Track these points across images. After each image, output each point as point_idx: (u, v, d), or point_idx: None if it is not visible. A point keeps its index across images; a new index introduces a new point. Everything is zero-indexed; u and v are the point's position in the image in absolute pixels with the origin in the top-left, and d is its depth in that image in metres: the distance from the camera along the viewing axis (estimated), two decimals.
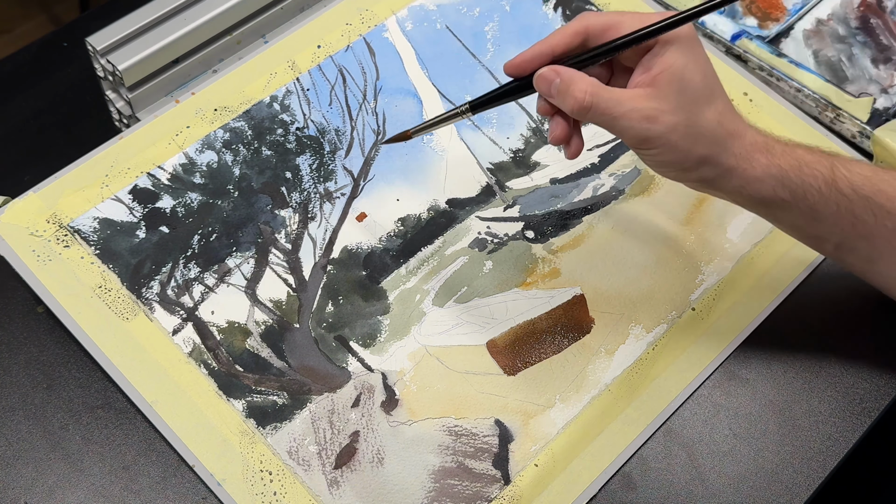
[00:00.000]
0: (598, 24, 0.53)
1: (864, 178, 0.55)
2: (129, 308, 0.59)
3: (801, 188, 0.54)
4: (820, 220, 0.55)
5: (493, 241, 0.65)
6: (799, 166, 0.54)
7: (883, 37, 0.76)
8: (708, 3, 0.52)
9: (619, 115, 0.51)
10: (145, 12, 0.67)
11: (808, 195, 0.54)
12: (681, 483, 0.58)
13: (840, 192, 0.54)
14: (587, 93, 0.52)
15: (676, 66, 0.51)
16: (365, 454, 0.56)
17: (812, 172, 0.54)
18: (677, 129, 0.51)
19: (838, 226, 0.55)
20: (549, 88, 0.53)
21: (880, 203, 0.54)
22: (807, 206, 0.55)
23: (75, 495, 0.55)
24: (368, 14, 0.72)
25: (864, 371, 0.62)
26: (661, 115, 0.51)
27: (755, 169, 0.54)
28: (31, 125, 0.70)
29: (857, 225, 0.55)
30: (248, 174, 0.65)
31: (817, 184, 0.54)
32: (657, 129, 0.51)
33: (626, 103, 0.51)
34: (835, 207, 0.54)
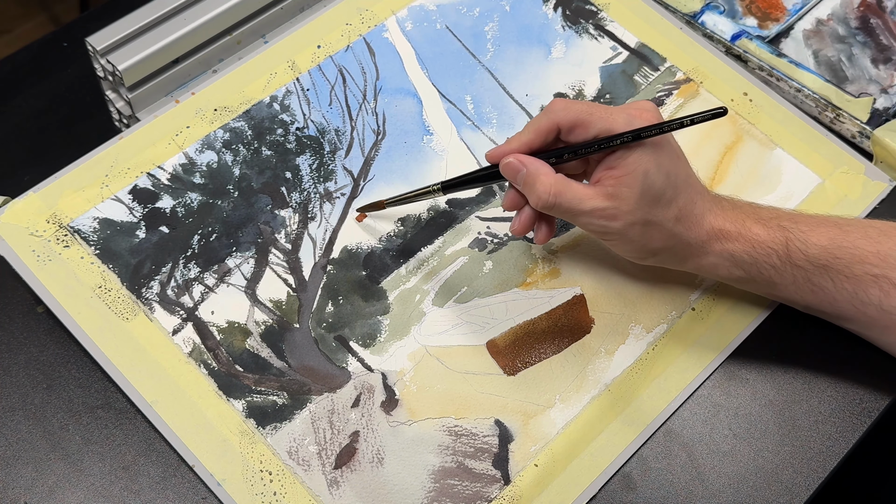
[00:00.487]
0: (567, 121, 0.56)
1: (819, 249, 0.56)
2: (129, 308, 0.59)
3: (754, 267, 0.57)
4: (779, 289, 0.58)
5: (493, 241, 0.65)
6: (752, 248, 0.57)
7: (883, 37, 0.76)
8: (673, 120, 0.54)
9: (581, 213, 0.55)
10: (145, 12, 0.67)
11: (762, 271, 0.57)
12: (681, 483, 0.58)
13: (796, 266, 0.57)
14: (550, 193, 0.54)
15: (638, 171, 0.54)
16: (365, 454, 0.56)
17: (765, 251, 0.57)
18: (634, 227, 0.55)
19: (799, 294, 0.58)
20: (516, 177, 0.56)
21: (838, 270, 0.56)
22: (763, 281, 0.58)
23: (75, 495, 0.55)
24: (368, 14, 0.72)
25: (864, 371, 0.62)
26: (620, 215, 0.54)
27: (709, 257, 0.57)
28: (31, 125, 0.70)
29: (817, 292, 0.57)
30: (248, 174, 0.65)
31: (771, 261, 0.57)
32: (615, 226, 0.55)
33: (587, 202, 0.54)
34: (792, 279, 0.57)
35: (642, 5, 0.76)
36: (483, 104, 0.70)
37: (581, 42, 0.74)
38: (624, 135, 0.54)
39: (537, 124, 0.56)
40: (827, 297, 0.57)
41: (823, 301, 0.58)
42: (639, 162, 0.54)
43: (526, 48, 0.73)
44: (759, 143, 0.70)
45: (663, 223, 0.55)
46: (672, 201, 0.55)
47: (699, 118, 0.54)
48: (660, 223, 0.55)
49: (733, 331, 0.62)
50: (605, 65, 0.73)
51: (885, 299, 0.56)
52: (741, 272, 0.57)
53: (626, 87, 0.72)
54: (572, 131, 0.56)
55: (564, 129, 0.56)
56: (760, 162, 0.69)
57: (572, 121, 0.55)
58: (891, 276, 0.56)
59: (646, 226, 0.55)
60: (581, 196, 0.54)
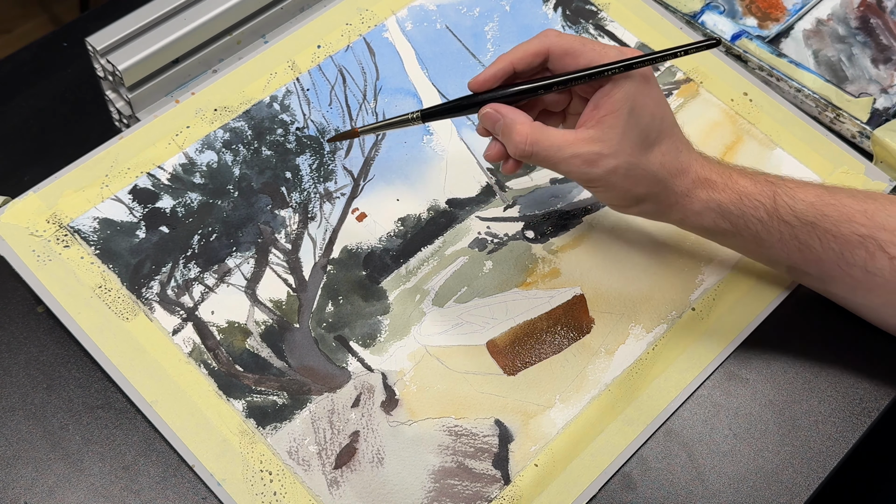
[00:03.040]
0: (559, 47, 0.55)
1: (807, 205, 0.56)
2: (129, 308, 0.59)
3: (741, 220, 0.56)
4: (766, 246, 0.57)
5: (493, 241, 0.65)
6: (739, 199, 0.56)
7: (883, 37, 0.76)
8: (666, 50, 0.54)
9: (560, 161, 0.54)
10: (145, 12, 0.67)
11: (749, 225, 0.56)
12: (681, 483, 0.58)
13: (783, 221, 0.56)
14: (527, 142, 0.54)
15: (623, 111, 0.53)
16: (365, 454, 0.56)
17: (753, 204, 0.56)
18: (617, 172, 0.54)
19: (785, 251, 0.57)
20: (494, 127, 0.55)
21: (825, 228, 0.56)
22: (750, 235, 0.57)
23: (75, 495, 0.55)
24: (368, 14, 0.72)
25: (864, 371, 0.62)
26: (602, 160, 0.53)
27: (695, 204, 0.56)
28: (31, 125, 0.70)
29: (803, 250, 0.57)
30: (248, 174, 0.65)
31: (759, 214, 0.56)
32: (597, 172, 0.53)
33: (566, 149, 0.53)
34: (779, 235, 0.56)
35: (642, 5, 0.76)
36: None
37: None
38: (614, 65, 0.53)
39: (526, 46, 0.55)
40: (813, 256, 0.56)
41: (809, 260, 0.57)
42: (625, 98, 0.53)
43: None
44: (759, 143, 0.70)
45: (647, 167, 0.54)
46: (656, 144, 0.54)
47: (693, 48, 0.53)
48: (643, 167, 0.54)
49: (733, 331, 0.62)
50: None
51: (870, 261, 0.56)
52: (727, 224, 0.56)
53: None
54: (562, 59, 0.55)
55: (555, 55, 0.55)
56: (760, 162, 0.69)
57: (564, 48, 0.54)
58: (877, 236, 0.55)
59: (629, 170, 0.54)
60: (559, 143, 0.53)
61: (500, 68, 0.55)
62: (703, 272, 0.64)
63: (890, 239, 0.55)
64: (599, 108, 0.54)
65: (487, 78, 0.55)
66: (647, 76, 0.54)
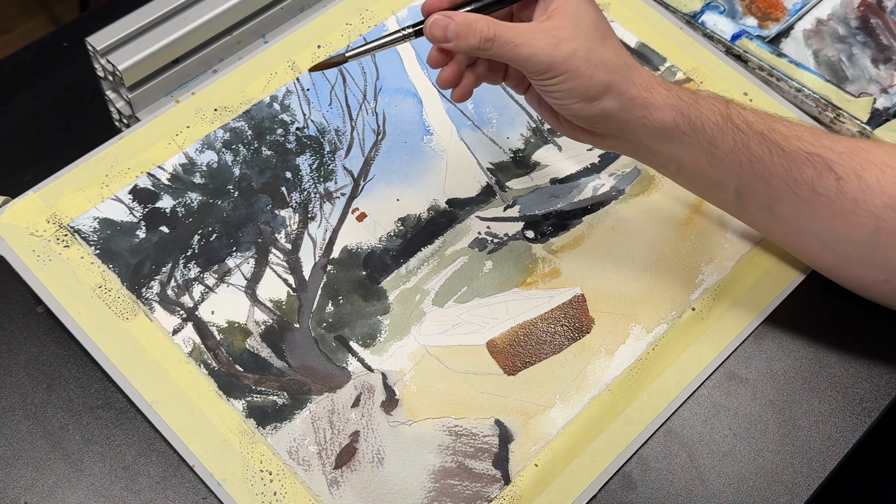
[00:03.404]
0: None
1: (758, 117, 0.57)
2: (129, 308, 0.59)
3: (699, 119, 0.56)
4: (718, 157, 0.57)
5: (493, 241, 0.65)
6: (696, 100, 0.57)
7: (883, 37, 0.76)
8: None
9: (522, 44, 0.53)
10: (145, 12, 0.67)
11: (706, 127, 0.56)
12: (681, 483, 0.58)
13: (735, 127, 0.56)
14: (488, 27, 0.54)
15: (570, 3, 0.54)
16: (365, 454, 0.56)
17: (709, 105, 0.57)
18: (578, 55, 0.54)
19: (736, 164, 0.57)
20: (445, 33, 0.55)
21: (775, 140, 0.56)
22: (705, 140, 0.56)
23: (75, 495, 0.55)
24: (368, 14, 0.72)
25: (864, 371, 0.62)
26: (562, 42, 0.53)
27: (656, 98, 0.56)
28: (31, 125, 0.70)
29: (753, 162, 0.57)
30: (248, 174, 0.65)
31: (714, 117, 0.56)
32: (560, 53, 0.53)
33: (526, 32, 0.54)
34: (731, 142, 0.56)
35: (642, 5, 0.76)
36: (483, 104, 0.70)
37: None
38: None
39: None
40: (762, 169, 0.56)
41: (758, 175, 0.57)
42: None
43: None
44: None
45: (605, 54, 0.55)
46: (606, 38, 0.55)
47: None
48: (602, 53, 0.55)
49: (733, 331, 0.62)
50: None
51: (817, 179, 0.56)
52: (686, 125, 0.56)
53: None
54: None
55: None
56: None
57: None
58: (825, 154, 0.56)
59: (588, 53, 0.54)
60: (519, 28, 0.54)
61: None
62: (703, 272, 0.64)
63: (836, 160, 0.56)
64: (547, 8, 0.55)
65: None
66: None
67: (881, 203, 0.55)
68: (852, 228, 0.56)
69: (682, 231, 0.66)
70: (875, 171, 0.55)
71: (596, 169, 0.68)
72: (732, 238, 0.66)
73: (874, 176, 0.55)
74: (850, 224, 0.56)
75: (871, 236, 0.56)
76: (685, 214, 0.66)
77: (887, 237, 0.56)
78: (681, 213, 0.67)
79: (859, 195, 0.55)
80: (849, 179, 0.55)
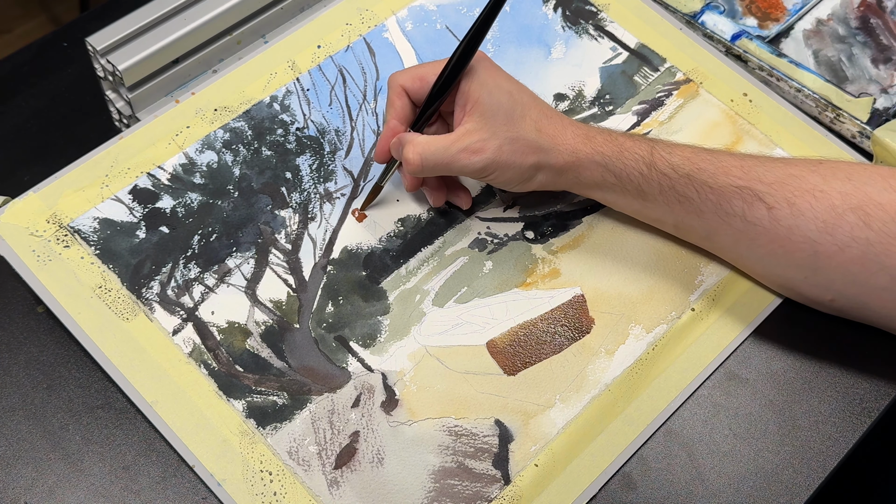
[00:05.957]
0: (409, 80, 0.60)
1: (682, 158, 0.58)
2: (129, 308, 0.59)
3: (623, 171, 0.58)
4: (649, 200, 0.59)
5: (493, 241, 0.65)
6: (620, 151, 0.58)
7: (883, 37, 0.76)
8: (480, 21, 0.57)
9: (451, 160, 0.57)
10: (145, 12, 0.67)
11: (631, 177, 0.58)
12: (681, 483, 0.58)
13: (661, 172, 0.58)
14: (417, 153, 0.58)
15: (482, 96, 0.58)
16: (365, 454, 0.56)
17: (632, 156, 0.58)
18: (503, 150, 0.57)
19: (668, 205, 0.59)
20: (398, 151, 0.60)
21: (702, 180, 0.57)
22: (633, 188, 0.59)
23: (75, 495, 0.55)
24: (368, 14, 0.72)
25: (864, 371, 0.62)
26: (485, 144, 0.57)
27: (581, 160, 0.59)
28: (31, 125, 0.70)
29: (683, 202, 0.58)
30: (248, 174, 0.65)
31: (638, 166, 0.58)
32: (487, 156, 0.57)
33: (451, 147, 0.57)
34: (658, 187, 0.58)
35: (642, 6, 0.76)
36: None
37: (581, 42, 0.74)
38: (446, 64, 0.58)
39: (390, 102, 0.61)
40: (692, 207, 0.58)
41: (690, 212, 0.58)
42: (479, 86, 0.57)
43: (526, 48, 0.73)
44: (759, 144, 0.70)
45: (526, 137, 0.57)
46: (525, 115, 0.58)
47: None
48: (524, 138, 0.57)
49: (733, 331, 0.62)
50: (605, 65, 0.73)
51: (748, 210, 0.56)
52: (613, 178, 0.59)
53: (626, 87, 0.72)
54: (421, 89, 0.59)
55: (412, 90, 0.60)
56: None
57: (412, 77, 0.60)
58: (754, 187, 0.56)
59: (513, 143, 0.57)
60: (445, 145, 0.57)
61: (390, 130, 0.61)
62: (703, 272, 0.64)
63: (767, 190, 0.56)
64: (464, 106, 0.58)
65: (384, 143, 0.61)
66: (483, 62, 0.58)
67: (815, 227, 0.55)
68: (791, 254, 0.57)
69: None
70: (808, 198, 0.55)
71: None
72: None
73: (807, 202, 0.55)
74: (788, 250, 0.57)
75: (810, 260, 0.57)
76: None
77: (825, 260, 0.56)
78: None
79: (793, 222, 0.56)
80: (780, 208, 0.56)
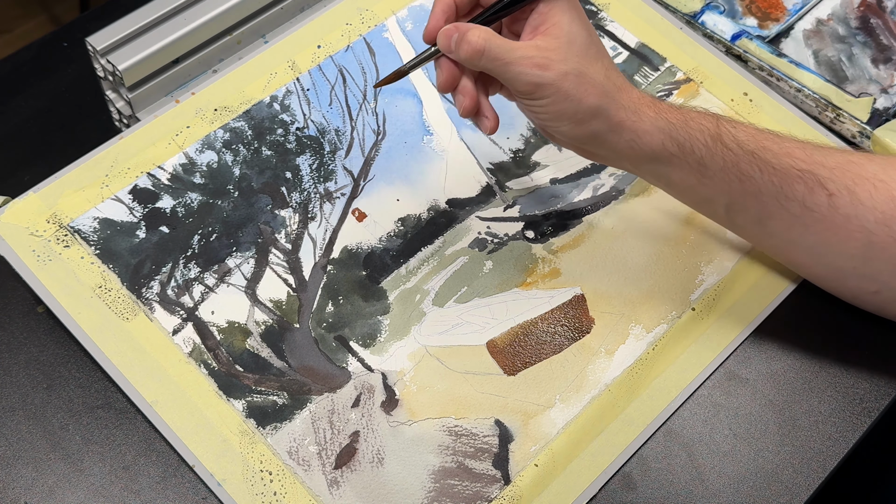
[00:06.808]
0: None
1: (748, 135, 0.56)
2: (129, 308, 0.59)
3: (688, 141, 0.56)
4: (709, 176, 0.57)
5: (493, 241, 0.65)
6: (685, 120, 0.56)
7: (883, 37, 0.76)
8: None
9: (512, 61, 0.53)
10: (145, 12, 0.67)
11: (695, 149, 0.56)
12: (681, 483, 0.58)
13: (725, 147, 0.56)
14: (480, 37, 0.53)
15: (563, 22, 0.54)
16: (365, 454, 0.56)
17: (698, 126, 0.56)
18: (568, 77, 0.53)
19: (726, 182, 0.57)
20: (450, 43, 0.55)
21: (766, 159, 0.56)
22: (695, 161, 0.56)
23: (75, 495, 0.55)
24: (368, 14, 0.72)
25: (864, 371, 0.62)
26: (552, 63, 0.53)
27: (643, 122, 0.55)
28: (31, 125, 0.70)
29: (743, 181, 0.56)
30: (248, 174, 0.65)
31: (703, 138, 0.56)
32: (549, 75, 0.53)
33: (517, 51, 0.53)
34: (721, 162, 0.56)
35: (642, 5, 0.76)
36: None
37: None
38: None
39: None
40: (753, 187, 0.56)
41: (749, 193, 0.56)
42: (560, 16, 0.54)
43: None
44: None
45: (595, 76, 0.54)
46: (598, 58, 0.55)
47: None
48: (591, 76, 0.54)
49: (733, 331, 0.62)
50: None
51: (808, 195, 0.56)
52: (675, 147, 0.56)
53: None
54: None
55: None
56: None
57: None
58: (816, 171, 0.55)
59: (579, 77, 0.53)
60: (511, 45, 0.54)
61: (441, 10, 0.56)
62: (703, 272, 0.64)
63: (828, 175, 0.55)
64: (538, 27, 0.54)
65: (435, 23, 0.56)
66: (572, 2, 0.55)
67: (873, 218, 0.55)
68: (844, 243, 0.56)
69: (682, 231, 0.66)
70: (867, 186, 0.55)
71: (596, 169, 0.68)
72: (732, 238, 0.66)
73: (866, 191, 0.55)
74: (842, 238, 0.56)
75: (862, 250, 0.56)
76: (685, 214, 0.66)
77: (879, 251, 0.56)
78: (681, 213, 0.67)
79: (851, 211, 0.55)
80: (841, 195, 0.55)
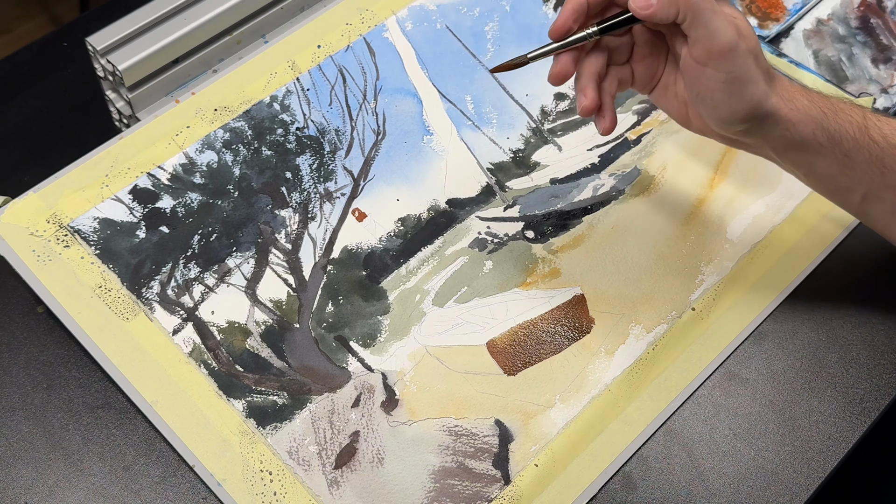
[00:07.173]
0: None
1: (892, 129, 0.56)
2: (129, 308, 0.59)
3: (837, 133, 0.55)
4: (852, 167, 0.56)
5: (493, 241, 0.65)
6: (835, 111, 0.56)
7: (883, 37, 0.76)
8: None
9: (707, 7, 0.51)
10: (145, 12, 0.67)
11: (843, 140, 0.56)
12: (681, 483, 0.58)
13: (872, 140, 0.56)
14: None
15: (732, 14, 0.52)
16: (365, 454, 0.56)
17: (847, 118, 0.56)
18: (752, 53, 0.52)
19: (868, 174, 0.57)
20: None
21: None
22: (841, 152, 0.56)
23: (75, 495, 0.55)
24: (368, 14, 0.72)
25: (864, 371, 0.62)
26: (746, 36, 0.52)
27: (797, 110, 0.55)
28: (31, 125, 0.70)
29: (885, 174, 0.56)
30: (248, 174, 0.65)
31: (852, 130, 0.56)
32: (742, 45, 0.51)
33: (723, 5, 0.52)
34: (866, 154, 0.56)
35: None
36: (483, 104, 0.70)
37: None
38: None
39: None
40: (893, 180, 0.56)
41: (889, 186, 0.56)
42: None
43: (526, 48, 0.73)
44: None
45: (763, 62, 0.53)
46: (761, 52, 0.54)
47: None
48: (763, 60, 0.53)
49: (733, 331, 0.62)
50: None
51: None
52: (824, 138, 0.55)
53: None
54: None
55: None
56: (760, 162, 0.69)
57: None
58: None
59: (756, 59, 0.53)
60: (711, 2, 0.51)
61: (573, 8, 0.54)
62: (703, 272, 0.64)
63: None
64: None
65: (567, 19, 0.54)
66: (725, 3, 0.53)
67: None
68: None
69: (682, 231, 0.66)
70: None
71: (596, 169, 0.68)
72: (732, 238, 0.66)
73: None
74: None
75: None
76: (685, 214, 0.67)
77: None
78: (681, 213, 0.67)
79: None
80: None
